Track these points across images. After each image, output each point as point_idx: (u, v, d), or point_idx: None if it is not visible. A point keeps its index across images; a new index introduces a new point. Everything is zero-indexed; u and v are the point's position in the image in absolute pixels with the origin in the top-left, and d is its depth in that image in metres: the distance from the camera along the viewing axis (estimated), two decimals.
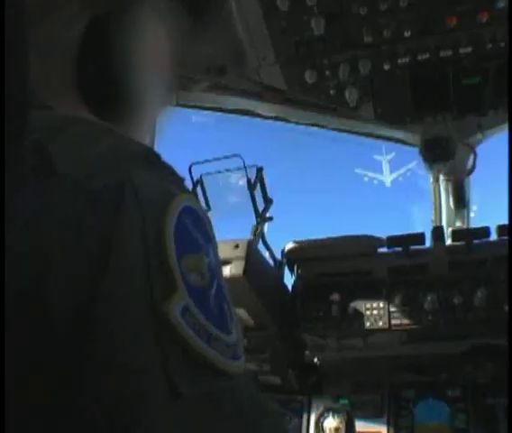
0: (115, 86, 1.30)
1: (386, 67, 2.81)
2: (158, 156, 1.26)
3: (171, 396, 0.81)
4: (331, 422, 3.49)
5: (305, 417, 3.62)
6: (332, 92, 2.97)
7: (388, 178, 26.63)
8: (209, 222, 1.09)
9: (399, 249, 3.28)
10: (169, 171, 1.16)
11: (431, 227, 3.80)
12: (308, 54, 2.81)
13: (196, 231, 0.96)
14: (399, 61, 2.80)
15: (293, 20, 2.66)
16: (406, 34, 2.68)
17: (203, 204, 3.48)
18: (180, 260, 0.88)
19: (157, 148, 3.23)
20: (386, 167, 25.60)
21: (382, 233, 3.35)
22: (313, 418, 3.59)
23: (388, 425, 3.41)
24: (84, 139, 1.03)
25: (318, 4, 2.56)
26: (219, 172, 3.35)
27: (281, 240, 3.69)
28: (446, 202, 3.82)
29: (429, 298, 3.06)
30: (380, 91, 2.97)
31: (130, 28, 1.36)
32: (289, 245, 3.49)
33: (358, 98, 2.95)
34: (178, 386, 0.82)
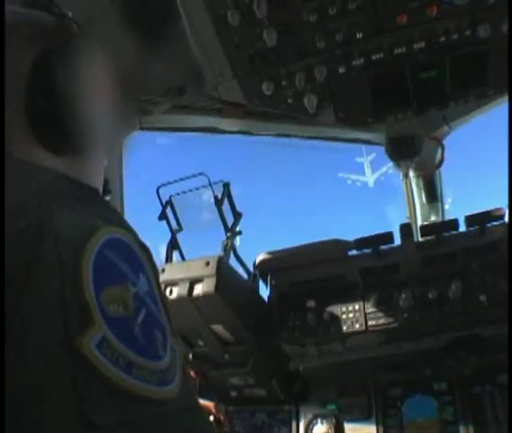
0: (62, 120, 1.31)
1: (341, 70, 2.81)
2: (88, 191, 1.27)
3: (85, 426, 0.84)
4: (320, 428, 3.50)
5: (293, 426, 3.63)
6: (290, 101, 2.96)
7: (370, 178, 26.79)
8: (143, 251, 1.11)
9: (370, 250, 3.28)
10: (98, 205, 1.18)
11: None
12: (263, 66, 2.82)
13: (123, 262, 0.99)
14: (354, 63, 2.80)
15: (245, 34, 2.66)
16: (359, 36, 2.68)
17: (174, 224, 3.51)
18: (99, 293, 0.91)
19: (124, 173, 3.25)
20: (368, 168, 25.77)
21: (367, 232, 3.36)
22: (302, 426, 3.60)
23: (377, 425, 3.42)
24: (12, 182, 1.05)
25: (268, 16, 2.56)
26: (189, 191, 3.37)
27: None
28: (419, 197, 3.83)
29: (403, 296, 3.07)
30: (339, 95, 2.97)
31: (74, 62, 1.38)
32: (260, 257, 3.50)
33: (317, 104, 2.94)
34: (92, 417, 0.84)
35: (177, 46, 2.84)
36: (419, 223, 3.88)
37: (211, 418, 3.42)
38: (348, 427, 3.48)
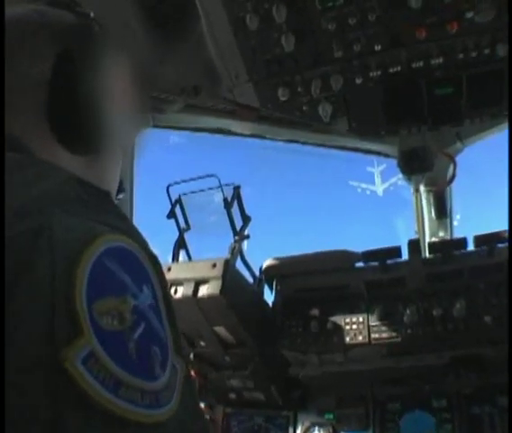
0: (82, 120, 1.32)
1: (358, 81, 2.80)
2: (98, 195, 1.26)
3: None
4: None
5: (290, 432, 3.63)
6: (305, 108, 2.95)
7: (379, 188, 27.16)
8: (152, 262, 1.06)
9: (376, 263, 3.28)
10: (106, 212, 1.16)
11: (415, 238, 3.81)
12: (280, 71, 2.80)
13: (124, 272, 0.94)
14: (371, 75, 2.78)
15: (263, 38, 2.65)
16: (377, 48, 2.66)
17: (182, 223, 3.50)
18: (92, 303, 0.86)
19: (135, 170, 3.25)
20: (378, 178, 26.14)
21: (374, 239, 3.37)
22: None
23: None
24: (20, 184, 1.04)
25: (287, 22, 2.55)
26: (199, 192, 3.37)
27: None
28: (428, 212, 3.81)
29: (408, 311, 3.06)
30: (354, 105, 2.96)
31: (95, 62, 1.39)
32: (267, 262, 3.50)
33: (331, 113, 2.93)
34: None
35: (194, 46, 2.83)
36: (427, 238, 3.87)
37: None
38: None
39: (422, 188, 3.68)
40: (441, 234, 3.84)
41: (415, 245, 3.26)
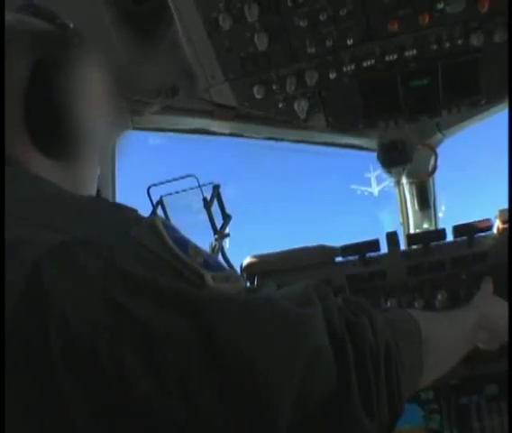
0: (60, 125, 1.34)
1: (332, 76, 2.80)
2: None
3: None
4: None
5: None
6: (281, 105, 2.96)
7: (375, 189, 28.92)
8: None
9: (356, 257, 3.27)
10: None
11: (401, 230, 3.81)
12: (255, 70, 2.81)
13: (177, 232, 1.16)
14: (345, 70, 2.78)
15: (237, 37, 2.66)
16: (349, 42, 2.67)
17: None
18: (188, 257, 1.08)
19: (116, 172, 3.25)
20: (374, 181, 28.04)
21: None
22: None
23: None
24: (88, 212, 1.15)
25: (259, 21, 2.56)
26: (179, 192, 3.36)
27: None
28: (412, 205, 3.81)
29: (389, 304, 3.06)
30: (330, 101, 2.96)
31: (71, 69, 1.41)
32: (247, 260, 3.50)
33: (307, 109, 2.93)
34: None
35: (169, 47, 2.84)
36: (412, 230, 3.87)
37: None
38: None
39: (404, 180, 3.69)
40: (425, 225, 3.85)
41: (392, 237, 3.26)
